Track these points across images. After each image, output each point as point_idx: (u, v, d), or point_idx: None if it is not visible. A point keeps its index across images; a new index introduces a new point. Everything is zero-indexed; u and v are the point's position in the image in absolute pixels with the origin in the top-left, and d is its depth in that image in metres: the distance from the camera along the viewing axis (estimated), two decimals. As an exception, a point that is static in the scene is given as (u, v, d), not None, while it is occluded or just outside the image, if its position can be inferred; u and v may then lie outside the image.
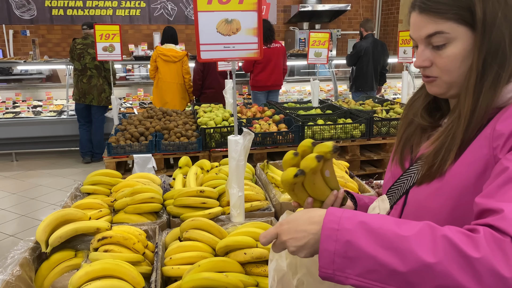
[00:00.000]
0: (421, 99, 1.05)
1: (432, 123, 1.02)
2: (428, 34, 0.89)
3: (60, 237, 1.51)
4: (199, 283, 1.24)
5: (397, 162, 1.06)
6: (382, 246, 0.71)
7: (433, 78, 0.93)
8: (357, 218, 0.76)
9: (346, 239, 0.73)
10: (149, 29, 8.68)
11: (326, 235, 0.75)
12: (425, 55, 0.92)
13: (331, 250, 0.74)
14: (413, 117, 1.04)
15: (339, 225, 0.75)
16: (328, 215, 0.78)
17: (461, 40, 0.87)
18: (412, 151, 1.04)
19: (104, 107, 5.73)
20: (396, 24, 9.02)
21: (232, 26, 1.56)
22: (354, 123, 3.80)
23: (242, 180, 1.69)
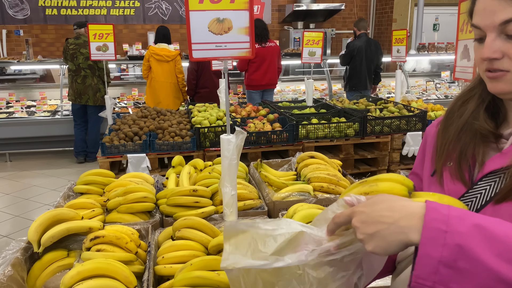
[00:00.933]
0: (475, 101, 0.90)
1: (495, 131, 0.86)
2: (505, 19, 0.76)
3: (52, 237, 1.50)
4: (191, 281, 1.24)
5: (454, 177, 0.87)
6: (507, 261, 0.57)
7: (503, 73, 0.79)
8: (470, 219, 0.62)
9: (457, 243, 0.59)
10: (143, 28, 8.66)
11: (430, 237, 0.61)
12: (496, 45, 0.78)
13: (435, 257, 0.60)
14: (472, 120, 0.88)
15: (448, 226, 0.61)
16: (431, 211, 0.63)
17: None
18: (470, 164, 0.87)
19: (100, 106, 5.71)
20: (390, 23, 9.06)
21: (224, 25, 1.57)
22: (348, 122, 3.82)
23: (235, 179, 1.70)
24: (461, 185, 0.86)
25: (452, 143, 0.90)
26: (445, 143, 0.91)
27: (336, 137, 3.79)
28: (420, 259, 0.61)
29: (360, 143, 3.95)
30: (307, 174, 2.03)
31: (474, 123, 0.87)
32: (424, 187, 0.98)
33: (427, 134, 1.04)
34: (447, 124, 0.93)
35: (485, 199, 0.80)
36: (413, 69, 7.79)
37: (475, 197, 0.82)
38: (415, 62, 7.75)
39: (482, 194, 0.81)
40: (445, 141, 0.92)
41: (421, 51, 7.47)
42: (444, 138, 0.92)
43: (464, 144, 0.88)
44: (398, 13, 8.97)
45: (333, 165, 2.17)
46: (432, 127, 1.02)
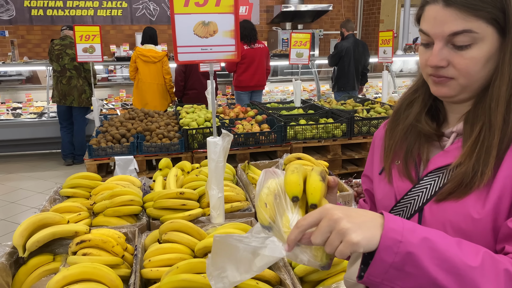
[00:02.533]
0: (419, 103, 0.95)
1: (437, 131, 0.92)
2: (454, 31, 0.80)
3: (38, 241, 1.49)
4: (177, 284, 1.25)
5: (402, 174, 0.94)
6: (444, 270, 0.68)
7: (447, 79, 0.84)
8: (420, 232, 0.70)
9: (408, 251, 0.68)
10: (131, 29, 8.61)
11: (386, 245, 0.69)
12: (443, 54, 0.82)
13: (388, 262, 0.69)
14: (415, 123, 0.94)
15: (403, 237, 0.69)
16: (389, 222, 0.71)
17: (488, 42, 0.80)
18: (416, 162, 0.93)
19: (85, 108, 5.66)
20: (378, 24, 9.13)
21: (209, 28, 1.57)
22: (335, 122, 3.85)
23: (222, 181, 1.70)
24: (408, 182, 0.92)
25: (399, 143, 0.95)
26: (393, 143, 0.97)
27: (324, 137, 3.82)
28: (375, 262, 0.70)
29: (347, 144, 3.98)
30: (294, 175, 2.04)
31: (418, 125, 0.93)
32: (374, 185, 1.03)
33: (375, 137, 1.09)
34: (394, 125, 0.99)
35: (430, 194, 0.87)
36: (400, 70, 7.86)
37: (421, 192, 0.89)
38: (402, 62, 7.82)
39: (427, 190, 0.88)
40: (392, 141, 0.97)
41: (408, 52, 7.55)
42: (392, 138, 0.98)
43: (410, 143, 0.94)
44: (385, 14, 9.05)
45: (320, 166, 2.18)
46: (380, 130, 1.07)
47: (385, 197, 0.97)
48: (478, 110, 0.84)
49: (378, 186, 1.01)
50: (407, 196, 0.91)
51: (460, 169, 0.81)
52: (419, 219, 0.88)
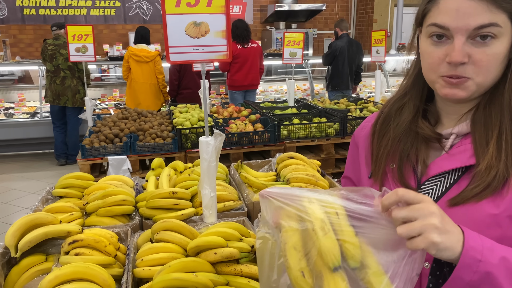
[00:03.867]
0: (410, 107, 0.92)
1: (436, 134, 0.88)
2: (481, 24, 0.74)
3: (30, 241, 1.49)
4: (169, 283, 1.25)
5: (397, 181, 0.89)
6: None
7: (464, 79, 0.79)
8: (499, 251, 0.70)
9: (487, 271, 0.68)
10: (124, 28, 8.59)
11: (466, 263, 0.68)
12: (466, 49, 0.77)
13: (465, 280, 0.69)
14: (411, 128, 0.90)
15: (482, 256, 0.68)
16: (469, 239, 0.69)
17: (507, 37, 0.76)
18: (414, 167, 0.89)
19: (79, 108, 5.64)
20: (371, 24, 9.17)
21: (201, 28, 1.58)
22: (328, 122, 3.86)
23: (214, 181, 1.71)
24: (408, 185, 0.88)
25: (394, 148, 0.91)
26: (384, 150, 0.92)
27: (317, 137, 3.83)
28: (453, 279, 0.70)
29: (340, 143, 4.00)
30: (286, 174, 2.06)
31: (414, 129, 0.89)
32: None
33: (357, 137, 1.04)
34: (383, 131, 0.94)
35: (433, 199, 0.83)
36: (393, 69, 7.90)
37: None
38: (395, 61, 7.86)
39: (430, 194, 0.84)
40: (383, 148, 0.92)
41: (401, 51, 7.59)
42: (382, 145, 0.93)
43: (405, 147, 0.89)
44: (379, 13, 9.09)
45: (312, 166, 2.20)
46: (364, 130, 1.03)
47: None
48: (490, 109, 0.81)
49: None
50: None
51: (491, 172, 0.77)
52: None
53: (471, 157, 0.81)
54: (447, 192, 0.83)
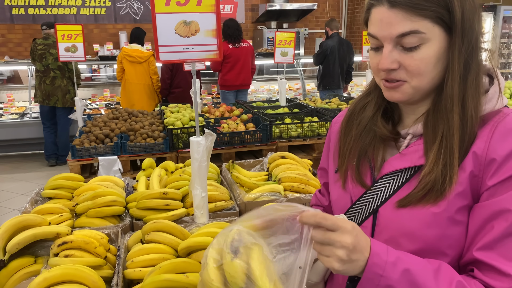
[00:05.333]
0: (372, 107, 0.95)
1: (393, 133, 0.91)
2: (402, 33, 0.78)
3: (18, 243, 1.48)
4: (159, 284, 1.24)
5: (354, 179, 0.93)
6: None
7: (400, 83, 0.83)
8: (402, 264, 0.73)
9: (388, 284, 0.73)
10: (114, 28, 8.52)
11: (368, 278, 0.73)
12: (393, 56, 0.81)
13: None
14: (371, 126, 0.93)
15: (384, 272, 0.73)
16: (374, 256, 0.74)
17: (436, 41, 0.79)
18: (371, 164, 0.92)
19: (69, 108, 5.59)
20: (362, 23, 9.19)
21: (191, 27, 1.57)
22: (320, 121, 3.87)
23: (205, 181, 1.70)
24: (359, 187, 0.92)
25: (354, 146, 0.95)
26: (347, 148, 0.96)
27: (309, 136, 3.84)
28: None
29: (332, 142, 4.01)
30: (278, 174, 2.05)
31: (373, 128, 0.92)
32: (330, 181, 1.04)
33: (331, 132, 1.08)
34: (348, 130, 0.98)
35: (384, 196, 0.88)
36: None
37: (376, 194, 0.89)
38: (386, 61, 7.89)
39: (382, 192, 0.88)
40: (347, 146, 0.96)
41: (392, 51, 7.62)
42: (346, 142, 0.97)
43: (364, 144, 0.93)
44: (369, 13, 9.11)
45: (304, 165, 2.19)
46: (337, 124, 1.06)
47: (340, 198, 0.97)
48: (437, 113, 0.83)
49: (333, 186, 1.01)
50: (362, 199, 0.91)
51: (431, 177, 0.80)
52: (373, 221, 0.89)
53: (420, 157, 0.84)
54: (398, 190, 0.86)
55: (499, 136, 0.77)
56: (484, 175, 0.77)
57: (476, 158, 0.78)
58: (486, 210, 0.76)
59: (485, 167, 0.77)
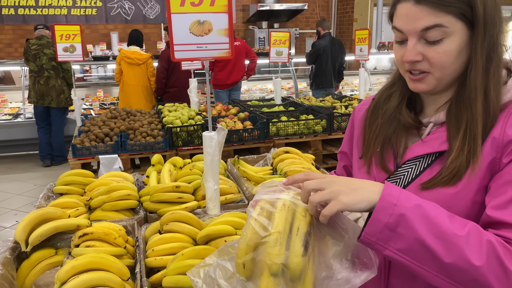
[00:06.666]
0: (396, 97, 1.02)
1: (416, 122, 0.98)
2: (426, 26, 0.85)
3: (41, 235, 1.53)
4: (183, 270, 1.31)
5: (378, 164, 1.00)
6: (433, 234, 0.75)
7: (424, 75, 0.90)
8: (415, 200, 0.78)
9: (401, 213, 0.75)
10: (106, 28, 8.53)
11: (382, 206, 0.76)
12: (417, 49, 0.87)
13: (383, 221, 0.76)
14: (396, 115, 1.00)
15: (398, 201, 0.76)
16: (388, 188, 0.78)
17: (458, 35, 0.85)
18: (394, 151, 0.99)
19: (64, 108, 5.60)
20: (351, 23, 9.34)
21: (204, 27, 1.64)
22: (315, 118, 3.96)
23: (217, 174, 1.78)
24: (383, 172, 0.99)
25: (380, 132, 1.01)
26: (373, 134, 1.03)
27: (305, 133, 3.93)
28: (372, 221, 0.77)
29: (327, 139, 4.11)
30: (283, 168, 2.13)
31: (397, 116, 0.99)
32: (354, 168, 1.11)
33: (354, 118, 1.15)
34: (373, 119, 1.05)
35: (407, 180, 0.94)
36: (374, 67, 8.08)
37: (399, 178, 0.96)
38: (376, 60, 8.04)
39: (405, 176, 0.95)
40: (372, 133, 1.03)
41: (382, 50, 7.77)
42: (371, 131, 1.04)
43: (389, 132, 1.00)
44: (359, 12, 9.27)
45: (307, 159, 2.28)
46: (360, 112, 1.13)
47: None
48: (460, 103, 0.89)
49: (357, 172, 1.08)
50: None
51: (456, 162, 0.86)
52: None
53: (442, 144, 0.91)
54: (420, 175, 0.93)
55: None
56: (502, 156, 0.84)
57: (495, 141, 0.85)
58: (500, 179, 0.83)
59: (502, 149, 0.84)
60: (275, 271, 0.79)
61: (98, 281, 1.30)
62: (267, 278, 0.80)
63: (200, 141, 3.67)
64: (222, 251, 0.95)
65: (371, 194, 0.78)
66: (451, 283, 0.76)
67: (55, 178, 2.05)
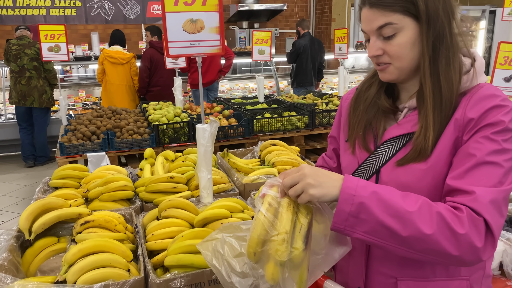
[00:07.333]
0: (376, 85, 1.14)
1: (392, 107, 1.10)
2: (379, 25, 0.99)
3: (44, 224, 1.60)
4: (184, 249, 1.41)
5: (361, 145, 1.13)
6: (389, 214, 0.88)
7: (386, 65, 1.03)
8: (370, 188, 0.90)
9: (360, 201, 0.88)
10: (86, 29, 8.48)
11: (344, 199, 0.90)
12: (377, 45, 1.01)
13: (346, 211, 0.90)
14: (376, 100, 1.12)
15: (356, 192, 0.89)
16: (346, 181, 0.91)
17: (408, 29, 0.98)
18: (374, 133, 1.12)
19: (46, 108, 5.59)
20: (330, 23, 9.54)
21: (197, 25, 1.74)
22: (298, 115, 4.10)
23: (210, 164, 1.88)
24: (364, 152, 1.13)
25: (362, 118, 1.15)
26: (356, 120, 1.16)
27: (289, 129, 4.06)
28: (337, 212, 0.91)
29: (310, 135, 4.25)
30: (271, 159, 2.25)
31: (378, 102, 1.12)
32: (341, 150, 1.24)
33: (341, 106, 1.30)
34: (356, 105, 1.18)
35: (385, 159, 1.08)
36: (352, 66, 8.30)
37: (377, 157, 1.09)
38: (354, 59, 8.25)
39: (383, 155, 1.09)
40: (356, 119, 1.17)
41: (359, 49, 7.98)
42: (355, 116, 1.17)
43: (370, 117, 1.13)
44: (337, 13, 9.48)
45: (293, 151, 2.40)
46: (347, 100, 1.27)
47: (349, 164, 1.17)
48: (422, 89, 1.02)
49: (344, 154, 1.21)
50: (366, 161, 1.11)
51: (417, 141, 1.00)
52: (376, 179, 1.08)
53: (414, 126, 1.03)
54: (396, 154, 1.06)
55: (473, 103, 0.97)
56: (463, 135, 0.97)
57: (457, 122, 0.98)
58: (460, 153, 0.97)
59: (463, 128, 0.98)
60: (280, 263, 0.95)
61: (104, 262, 1.39)
62: (273, 265, 0.96)
63: (186, 138, 3.76)
64: (226, 228, 1.09)
65: (333, 188, 0.92)
66: (413, 252, 0.90)
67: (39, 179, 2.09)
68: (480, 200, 0.89)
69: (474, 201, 0.89)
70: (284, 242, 0.94)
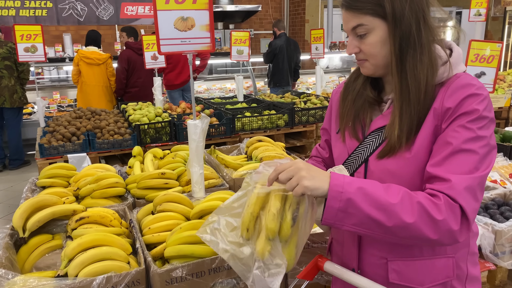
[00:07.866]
0: (362, 76, 1.21)
1: (377, 98, 1.18)
2: (353, 26, 1.09)
3: (39, 221, 1.60)
4: (183, 240, 1.45)
5: (351, 135, 1.21)
6: (375, 207, 0.96)
7: (363, 61, 1.13)
8: (356, 183, 0.98)
9: (348, 197, 0.96)
10: (57, 30, 8.33)
11: (332, 196, 0.97)
12: (354, 43, 1.11)
13: (335, 207, 0.97)
14: (362, 90, 1.20)
15: (343, 189, 0.97)
16: (333, 179, 0.99)
17: (378, 29, 1.06)
18: (362, 124, 1.19)
19: (18, 108, 5.46)
20: (303, 24, 9.70)
21: (188, 23, 1.78)
22: (278, 113, 4.17)
23: (202, 160, 1.92)
24: (355, 142, 1.20)
25: (350, 109, 1.22)
26: (345, 110, 1.24)
27: (269, 128, 4.12)
28: (327, 209, 0.99)
29: (289, 133, 4.33)
30: (258, 154, 2.30)
31: (364, 93, 1.20)
32: (333, 141, 1.31)
33: (332, 99, 1.38)
34: (345, 96, 1.26)
35: (372, 149, 1.16)
36: (326, 66, 8.45)
37: (365, 147, 1.17)
38: (328, 59, 8.41)
39: (370, 146, 1.16)
40: (345, 109, 1.24)
41: (333, 49, 8.14)
42: (344, 106, 1.25)
43: (357, 108, 1.21)
44: (310, 14, 9.65)
45: (279, 147, 2.47)
46: (336, 94, 1.35)
47: (340, 154, 1.25)
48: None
49: (335, 144, 1.29)
50: (355, 152, 1.19)
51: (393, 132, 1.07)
52: (365, 168, 1.16)
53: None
54: (382, 143, 1.12)
55: (450, 92, 1.05)
56: (441, 123, 1.05)
57: (436, 112, 1.05)
58: (439, 141, 1.04)
59: (442, 117, 1.05)
60: (270, 237, 1.04)
61: (105, 255, 1.41)
62: (263, 240, 1.04)
63: (168, 138, 3.77)
64: (220, 210, 1.17)
65: (324, 183, 0.98)
66: (397, 239, 0.99)
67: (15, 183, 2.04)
68: (455, 188, 0.97)
69: (451, 189, 0.97)
70: (275, 218, 1.02)
